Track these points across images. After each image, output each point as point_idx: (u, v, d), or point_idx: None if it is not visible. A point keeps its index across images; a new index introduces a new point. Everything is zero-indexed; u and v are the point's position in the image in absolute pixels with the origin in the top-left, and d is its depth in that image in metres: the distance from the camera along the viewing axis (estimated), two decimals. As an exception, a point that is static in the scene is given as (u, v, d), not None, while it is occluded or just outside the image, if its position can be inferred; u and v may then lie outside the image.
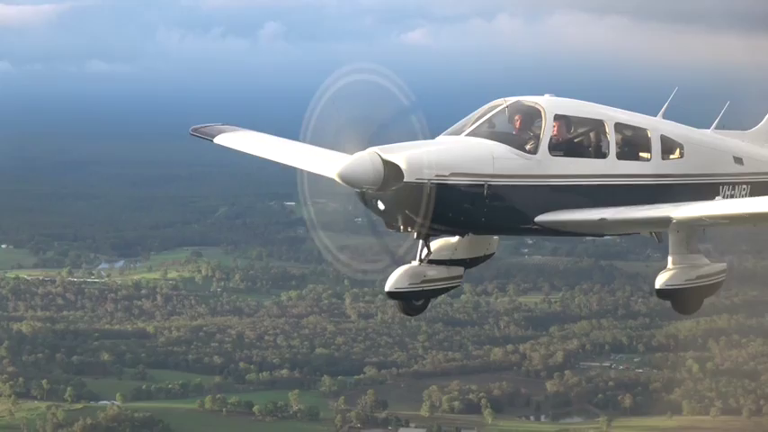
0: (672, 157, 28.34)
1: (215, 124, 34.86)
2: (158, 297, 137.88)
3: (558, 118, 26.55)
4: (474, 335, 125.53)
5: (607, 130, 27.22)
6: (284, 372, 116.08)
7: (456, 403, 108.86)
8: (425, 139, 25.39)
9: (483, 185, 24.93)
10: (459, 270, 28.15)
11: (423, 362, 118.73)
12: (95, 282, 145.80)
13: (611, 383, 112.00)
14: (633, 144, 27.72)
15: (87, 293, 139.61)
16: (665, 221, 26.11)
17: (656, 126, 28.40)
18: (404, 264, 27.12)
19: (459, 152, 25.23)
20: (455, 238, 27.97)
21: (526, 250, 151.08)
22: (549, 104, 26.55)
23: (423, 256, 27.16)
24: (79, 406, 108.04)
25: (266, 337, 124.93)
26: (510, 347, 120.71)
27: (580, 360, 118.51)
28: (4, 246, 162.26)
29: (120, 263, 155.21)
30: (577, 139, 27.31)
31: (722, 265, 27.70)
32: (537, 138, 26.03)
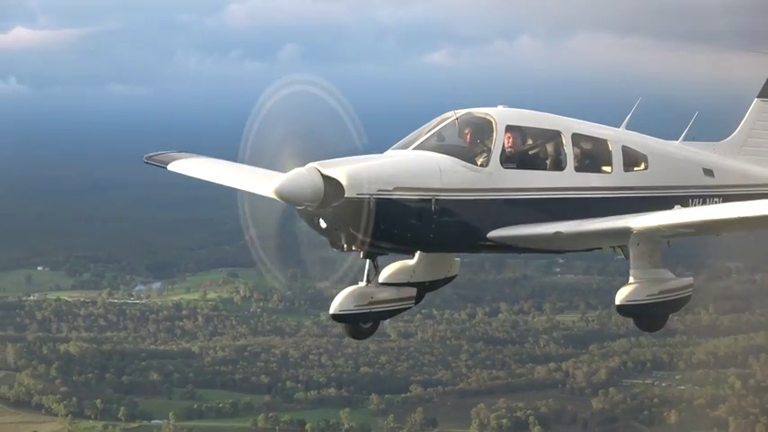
0: (635, 169, 27.54)
1: (169, 152, 33.83)
2: (199, 317, 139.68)
3: (510, 129, 25.57)
4: (515, 353, 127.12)
5: (564, 142, 26.28)
6: (332, 390, 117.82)
7: (504, 421, 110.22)
8: (365, 153, 24.44)
9: (430, 200, 23.93)
10: (410, 291, 27.32)
11: (468, 380, 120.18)
12: (136, 303, 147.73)
13: (655, 400, 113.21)
14: (593, 156, 26.98)
15: (129, 314, 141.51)
16: (625, 233, 25.20)
17: (618, 137, 27.61)
18: (351, 284, 26.38)
19: (403, 166, 24.31)
20: (413, 261, 27.42)
21: (558, 269, 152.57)
22: (501, 115, 25.63)
23: (370, 277, 26.41)
24: (135, 425, 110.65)
25: (311, 357, 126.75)
26: (552, 365, 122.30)
27: (623, 377, 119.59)
28: (39, 268, 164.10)
29: (158, 284, 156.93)
30: (532, 151, 26.43)
31: (688, 280, 27.03)
32: (488, 150, 25.16)
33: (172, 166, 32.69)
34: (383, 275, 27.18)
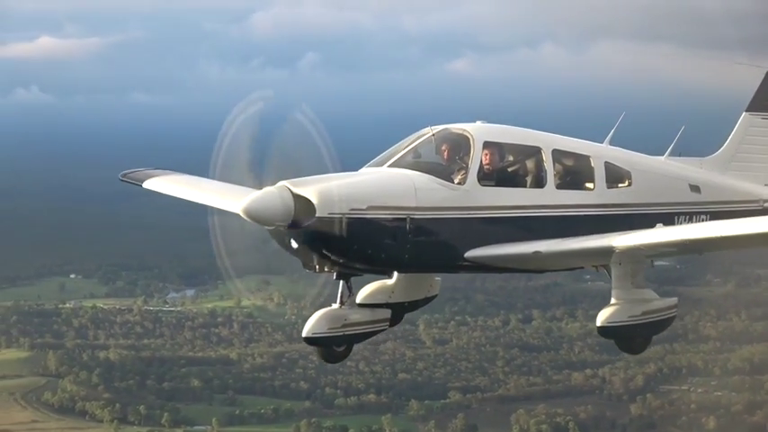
0: (618, 185, 26.90)
1: (145, 169, 33.08)
2: (235, 325, 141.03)
3: (488, 146, 24.90)
4: (551, 360, 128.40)
5: (544, 158, 25.59)
6: (371, 396, 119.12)
7: (544, 426, 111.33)
8: (335, 171, 23.71)
9: (405, 219, 23.22)
10: (385, 313, 26.59)
11: (506, 386, 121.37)
12: (171, 310, 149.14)
13: (693, 406, 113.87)
14: (574, 172, 26.31)
15: (165, 321, 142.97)
16: (607, 252, 24.56)
17: (600, 153, 26.99)
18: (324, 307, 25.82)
19: (377, 184, 23.60)
20: (392, 281, 26.81)
21: (588, 277, 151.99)
22: (479, 132, 24.99)
23: (344, 299, 25.68)
24: (179, 431, 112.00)
25: (348, 363, 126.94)
26: (589, 372, 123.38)
27: (659, 383, 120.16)
28: (72, 276, 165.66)
29: (191, 291, 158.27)
30: (511, 168, 25.81)
31: (672, 301, 26.51)
32: (466, 167, 24.51)
33: (147, 184, 32.06)
34: (361, 295, 26.57)
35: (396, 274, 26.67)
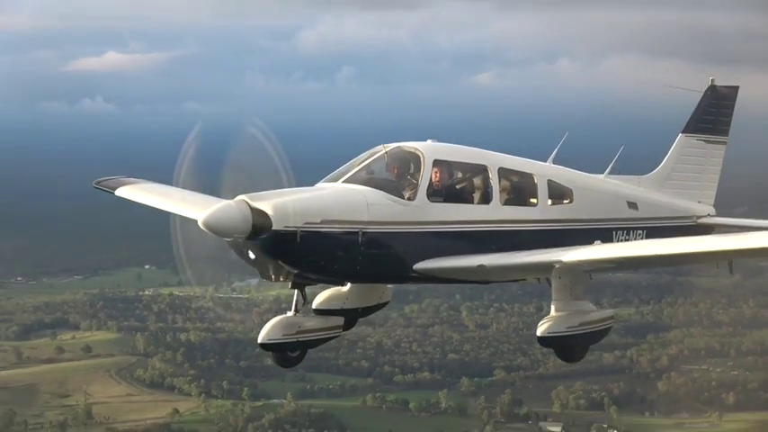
0: (561, 202, 26.05)
1: (117, 177, 31.68)
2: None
3: (437, 164, 23.98)
4: None
5: (491, 176, 24.62)
6: (426, 374, 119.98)
7: (582, 401, 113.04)
8: (291, 186, 22.85)
9: (357, 233, 22.36)
10: (338, 320, 25.66)
11: (545, 366, 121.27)
12: (240, 297, 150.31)
13: (713, 383, 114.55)
14: (519, 189, 25.36)
15: (235, 307, 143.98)
16: (548, 267, 23.74)
17: (544, 171, 26.08)
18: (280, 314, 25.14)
19: (331, 199, 22.68)
20: (345, 288, 25.85)
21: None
22: (429, 150, 24.11)
23: (298, 306, 24.89)
24: (259, 403, 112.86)
25: (402, 345, 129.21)
26: (618, 353, 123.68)
27: (681, 363, 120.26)
28: (147, 266, 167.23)
29: (255, 281, 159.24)
30: (459, 185, 24.79)
31: (609, 312, 25.81)
32: (416, 184, 23.54)
33: (119, 192, 30.73)
34: (317, 301, 25.83)
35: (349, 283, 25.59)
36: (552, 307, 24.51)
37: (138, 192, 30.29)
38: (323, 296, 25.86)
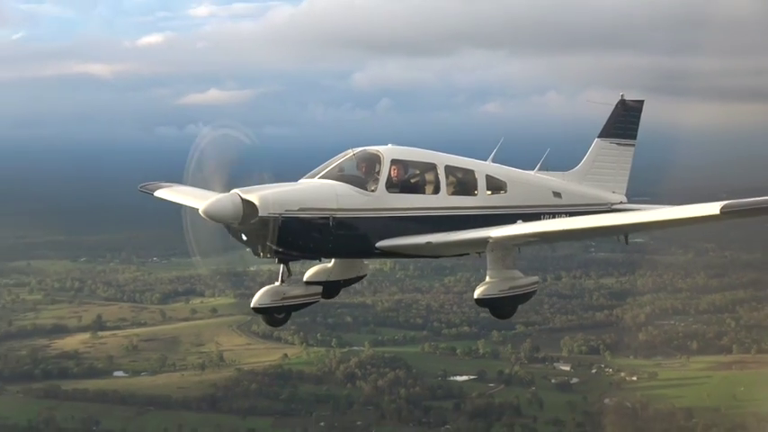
0: (497, 192, 24.86)
1: (157, 182, 30.07)
2: (364, 281, 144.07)
3: (395, 162, 23.10)
4: (579, 304, 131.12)
5: (439, 172, 23.65)
6: (465, 328, 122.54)
7: (583, 348, 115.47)
8: (271, 180, 21.93)
9: (329, 218, 21.54)
10: (317, 289, 24.71)
11: (553, 322, 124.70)
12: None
13: (680, 334, 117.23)
14: (462, 182, 24.20)
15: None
16: (483, 242, 22.63)
17: (483, 168, 24.93)
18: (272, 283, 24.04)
19: (308, 191, 21.84)
20: (330, 264, 24.88)
21: (593, 249, 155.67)
22: (388, 151, 23.22)
23: (283, 278, 23.96)
24: (345, 350, 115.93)
25: (445, 306, 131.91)
26: (606, 312, 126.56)
27: (654, 320, 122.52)
28: (248, 249, 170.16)
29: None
30: (413, 180, 23.68)
31: (534, 278, 24.70)
32: (377, 179, 22.67)
33: (158, 193, 29.39)
34: (307, 275, 24.94)
35: (333, 259, 24.67)
36: (487, 274, 23.57)
37: (171, 193, 28.58)
38: (312, 271, 25.02)
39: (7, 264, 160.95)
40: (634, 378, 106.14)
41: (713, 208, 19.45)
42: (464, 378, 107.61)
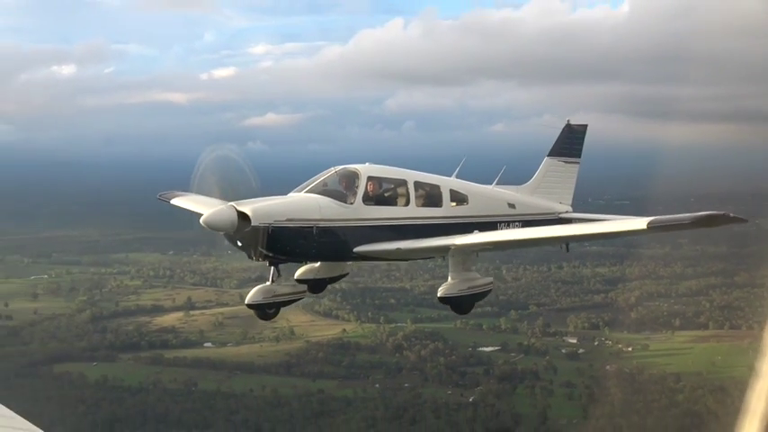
0: (460, 204, 23.97)
1: (174, 191, 27.81)
2: (402, 269, 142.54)
3: (371, 179, 22.37)
4: (580, 289, 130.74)
5: (409, 187, 22.94)
6: (487, 308, 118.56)
7: (586, 324, 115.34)
8: (260, 195, 20.85)
9: (312, 227, 20.88)
10: (303, 287, 23.80)
11: (560, 303, 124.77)
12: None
13: (665, 313, 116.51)
14: (429, 196, 23.38)
15: (361, 266, 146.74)
16: (446, 249, 22.01)
17: (447, 183, 24.02)
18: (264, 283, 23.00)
19: (294, 204, 21.08)
20: (317, 265, 23.91)
21: (587, 244, 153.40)
22: (365, 169, 22.38)
23: (274, 278, 22.80)
24: (392, 326, 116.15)
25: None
26: (603, 295, 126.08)
27: (643, 301, 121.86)
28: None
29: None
30: (386, 194, 22.89)
31: (489, 279, 23.74)
32: (355, 193, 21.90)
33: (174, 201, 27.38)
34: (297, 273, 23.97)
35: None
36: (449, 276, 22.70)
37: (186, 201, 26.82)
38: (301, 270, 24.14)
39: (110, 255, 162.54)
40: (629, 349, 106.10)
41: (641, 223, 18.89)
42: (491, 349, 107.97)
